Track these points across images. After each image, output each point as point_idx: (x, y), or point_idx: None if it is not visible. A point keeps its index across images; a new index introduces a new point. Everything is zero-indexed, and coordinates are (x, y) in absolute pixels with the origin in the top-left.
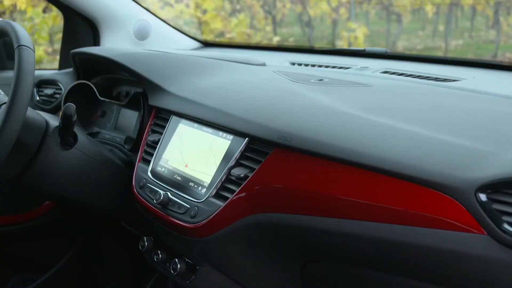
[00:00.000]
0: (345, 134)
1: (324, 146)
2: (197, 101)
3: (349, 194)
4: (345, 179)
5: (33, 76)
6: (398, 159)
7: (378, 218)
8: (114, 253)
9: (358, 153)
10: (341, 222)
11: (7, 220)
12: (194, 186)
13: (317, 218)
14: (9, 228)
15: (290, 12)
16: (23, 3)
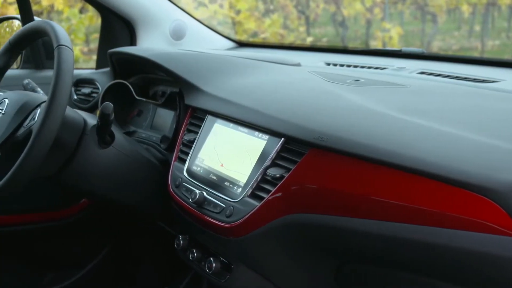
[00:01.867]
0: (381, 135)
1: (360, 147)
2: (233, 101)
3: (385, 196)
4: (381, 180)
5: (72, 76)
6: (435, 160)
7: (414, 220)
8: (148, 251)
9: (394, 154)
10: (377, 224)
11: (44, 216)
12: (229, 185)
13: (353, 219)
14: (46, 224)
15: (324, 12)
16: (61, 4)
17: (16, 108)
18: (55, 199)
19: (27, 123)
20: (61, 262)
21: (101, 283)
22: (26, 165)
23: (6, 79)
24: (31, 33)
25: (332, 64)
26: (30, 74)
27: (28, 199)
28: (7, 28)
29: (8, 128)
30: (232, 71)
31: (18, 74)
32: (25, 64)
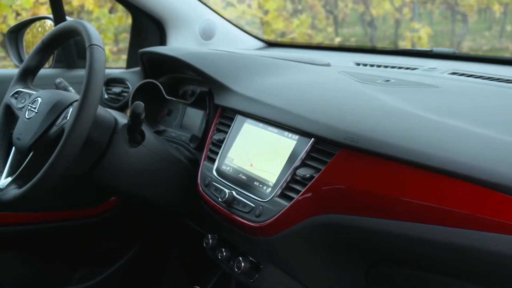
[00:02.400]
0: (413, 136)
1: (391, 148)
2: (263, 100)
3: (416, 197)
4: (412, 182)
5: (104, 75)
6: (467, 162)
7: (445, 221)
8: (177, 250)
9: (426, 155)
10: (407, 225)
11: (75, 214)
12: (259, 185)
13: (383, 220)
14: (77, 222)
15: (352, 12)
16: (91, 4)
17: (49, 107)
18: (86, 197)
19: (59, 122)
20: (92, 259)
21: (130, 280)
22: (58, 164)
23: (39, 78)
24: (64, 32)
25: (362, 64)
26: (62, 73)
27: (60, 197)
28: (40, 27)
29: (41, 126)
30: (262, 71)
31: (50, 73)
32: (57, 63)
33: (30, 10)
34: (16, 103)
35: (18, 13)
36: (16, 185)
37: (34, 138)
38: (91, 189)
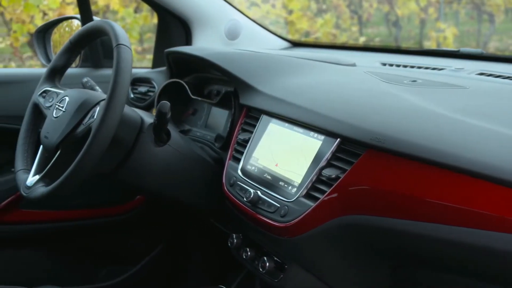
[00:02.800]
0: (440, 137)
1: (418, 149)
2: (288, 100)
3: (442, 198)
4: (439, 183)
5: (130, 74)
6: (496, 164)
7: (473, 223)
8: (201, 249)
9: (453, 156)
10: (433, 227)
11: (101, 212)
12: (284, 185)
13: (409, 221)
14: (103, 220)
15: (376, 12)
16: (116, 4)
17: (76, 106)
18: (112, 196)
19: (86, 121)
20: (117, 257)
21: (155, 278)
22: (85, 162)
23: (66, 78)
24: (91, 32)
25: (388, 64)
26: (89, 73)
27: (86, 195)
28: (67, 27)
29: (68, 125)
30: (288, 71)
31: (77, 72)
32: (83, 63)
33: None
34: (44, 102)
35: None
36: (43, 183)
37: (62, 136)
38: (116, 188)
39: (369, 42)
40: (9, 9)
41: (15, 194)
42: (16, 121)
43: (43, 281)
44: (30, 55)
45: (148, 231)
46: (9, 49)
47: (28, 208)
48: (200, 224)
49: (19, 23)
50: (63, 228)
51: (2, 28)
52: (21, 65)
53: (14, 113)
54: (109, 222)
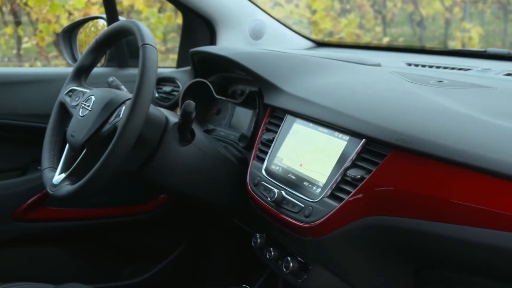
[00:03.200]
0: (467, 138)
1: (444, 150)
2: (313, 100)
3: (468, 200)
4: (465, 184)
5: (156, 74)
6: None
7: (498, 225)
8: (224, 248)
9: (482, 157)
10: (459, 228)
11: (124, 211)
12: (308, 185)
13: (433, 223)
14: (127, 219)
15: (400, 12)
16: (141, 4)
17: (102, 105)
18: (136, 195)
19: (112, 120)
20: (140, 256)
21: (177, 277)
22: (111, 161)
23: (92, 77)
24: (117, 32)
25: (413, 64)
26: (114, 72)
27: (110, 194)
28: (92, 27)
29: (94, 124)
30: (312, 71)
31: (102, 72)
32: (109, 62)
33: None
34: (70, 101)
35: (71, 13)
36: (69, 182)
37: (88, 135)
38: (141, 187)
39: (393, 42)
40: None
41: (41, 192)
42: (43, 119)
43: (68, 278)
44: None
45: (171, 230)
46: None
47: (54, 206)
48: (223, 223)
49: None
50: (88, 226)
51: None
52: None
53: (40, 111)
54: (133, 221)
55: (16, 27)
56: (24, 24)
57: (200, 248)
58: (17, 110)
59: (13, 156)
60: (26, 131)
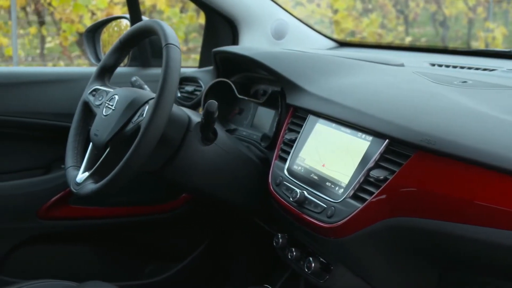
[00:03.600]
0: (493, 139)
1: (469, 151)
2: (336, 100)
3: (493, 201)
4: (490, 186)
5: (179, 73)
6: None
7: None
8: (245, 248)
9: (505, 158)
10: (483, 230)
11: (146, 210)
12: (331, 186)
13: (457, 225)
14: (147, 218)
15: (423, 12)
16: (163, 4)
17: (125, 104)
18: (158, 194)
19: (135, 119)
20: (161, 255)
21: (198, 276)
22: (134, 160)
23: (115, 76)
24: (141, 32)
25: (437, 64)
26: (137, 72)
27: (133, 192)
28: (115, 27)
29: (118, 123)
30: (335, 71)
31: (125, 71)
32: (132, 62)
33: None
34: (94, 100)
35: (93, 13)
36: (92, 180)
37: (111, 134)
38: (163, 186)
39: (415, 42)
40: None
41: (65, 191)
42: (67, 118)
43: (90, 276)
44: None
45: (193, 229)
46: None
47: (77, 204)
48: (244, 223)
49: (68, 23)
50: (111, 224)
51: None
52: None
53: (64, 111)
54: (155, 220)
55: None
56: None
57: (221, 247)
58: (41, 109)
59: (37, 155)
60: (50, 130)
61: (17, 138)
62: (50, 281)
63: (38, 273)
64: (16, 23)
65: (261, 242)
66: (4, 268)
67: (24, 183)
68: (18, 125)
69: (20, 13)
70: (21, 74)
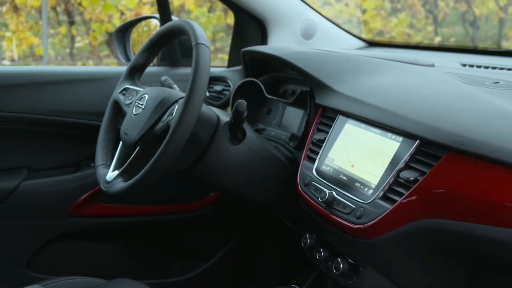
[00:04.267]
0: None
1: (501, 152)
2: (365, 101)
3: None
4: None
5: (209, 73)
6: None
7: None
8: (272, 248)
9: None
10: None
11: (174, 208)
12: (360, 186)
13: (489, 227)
14: (176, 216)
15: (452, 11)
16: (191, 3)
17: (155, 104)
18: (186, 192)
19: (165, 118)
20: (189, 253)
21: (225, 275)
22: (163, 159)
23: (145, 76)
24: (171, 32)
25: (468, 65)
26: (166, 71)
27: (161, 191)
28: (145, 27)
29: (147, 122)
30: (365, 71)
31: (155, 71)
32: (161, 61)
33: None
34: (124, 100)
35: (123, 13)
36: (122, 179)
37: (141, 133)
38: (191, 185)
39: (444, 42)
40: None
41: (94, 189)
42: (97, 117)
43: (118, 274)
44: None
45: (220, 229)
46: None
47: (106, 202)
48: (272, 223)
49: (97, 23)
50: (139, 222)
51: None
52: (98, 63)
53: (94, 109)
54: (183, 218)
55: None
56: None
57: (248, 247)
58: (71, 108)
59: (67, 153)
60: (80, 128)
61: (48, 136)
62: (78, 278)
63: (66, 270)
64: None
65: (288, 242)
66: (34, 264)
67: (54, 181)
68: (49, 123)
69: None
70: (53, 73)
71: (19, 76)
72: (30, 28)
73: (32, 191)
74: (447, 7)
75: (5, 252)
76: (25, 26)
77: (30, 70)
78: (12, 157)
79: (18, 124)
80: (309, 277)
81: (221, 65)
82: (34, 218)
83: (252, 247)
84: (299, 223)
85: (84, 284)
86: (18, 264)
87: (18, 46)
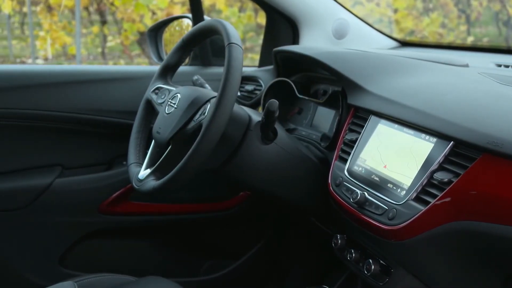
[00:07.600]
0: None
1: None
2: (398, 101)
3: None
4: None
5: (241, 73)
6: None
7: None
8: (302, 248)
9: None
10: None
11: (205, 207)
12: (392, 187)
13: None
14: (208, 215)
15: (485, 11)
16: (221, 3)
17: (188, 103)
18: (216, 191)
19: (197, 118)
20: (219, 252)
21: (255, 274)
22: (195, 158)
23: (177, 75)
24: (204, 31)
25: (503, 65)
26: (198, 71)
27: (192, 190)
28: (177, 26)
29: (180, 121)
30: (398, 71)
31: (187, 70)
32: (193, 61)
33: (165, 9)
34: (157, 99)
35: (154, 12)
36: (154, 177)
37: (173, 132)
38: (221, 184)
39: (477, 42)
40: (121, 8)
41: (126, 187)
42: (129, 116)
43: (148, 271)
44: (138, 53)
45: (250, 228)
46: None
47: (137, 200)
48: (302, 223)
49: (129, 22)
50: (170, 221)
51: (113, 27)
52: (130, 62)
53: (127, 108)
54: (214, 217)
55: (102, 26)
56: (109, 24)
57: (278, 246)
58: (104, 107)
59: (99, 151)
60: (112, 127)
61: (81, 135)
62: (109, 275)
63: (98, 267)
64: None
65: (318, 242)
66: (66, 261)
67: (87, 178)
68: (82, 121)
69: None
70: (87, 72)
71: (53, 75)
72: (63, 28)
73: (65, 188)
74: (480, 6)
75: (39, 248)
76: (58, 26)
77: (65, 69)
78: (46, 155)
79: (52, 122)
80: (339, 277)
81: (251, 65)
82: (67, 215)
83: (282, 247)
84: (330, 223)
85: (115, 281)
86: (51, 261)
87: (52, 45)
